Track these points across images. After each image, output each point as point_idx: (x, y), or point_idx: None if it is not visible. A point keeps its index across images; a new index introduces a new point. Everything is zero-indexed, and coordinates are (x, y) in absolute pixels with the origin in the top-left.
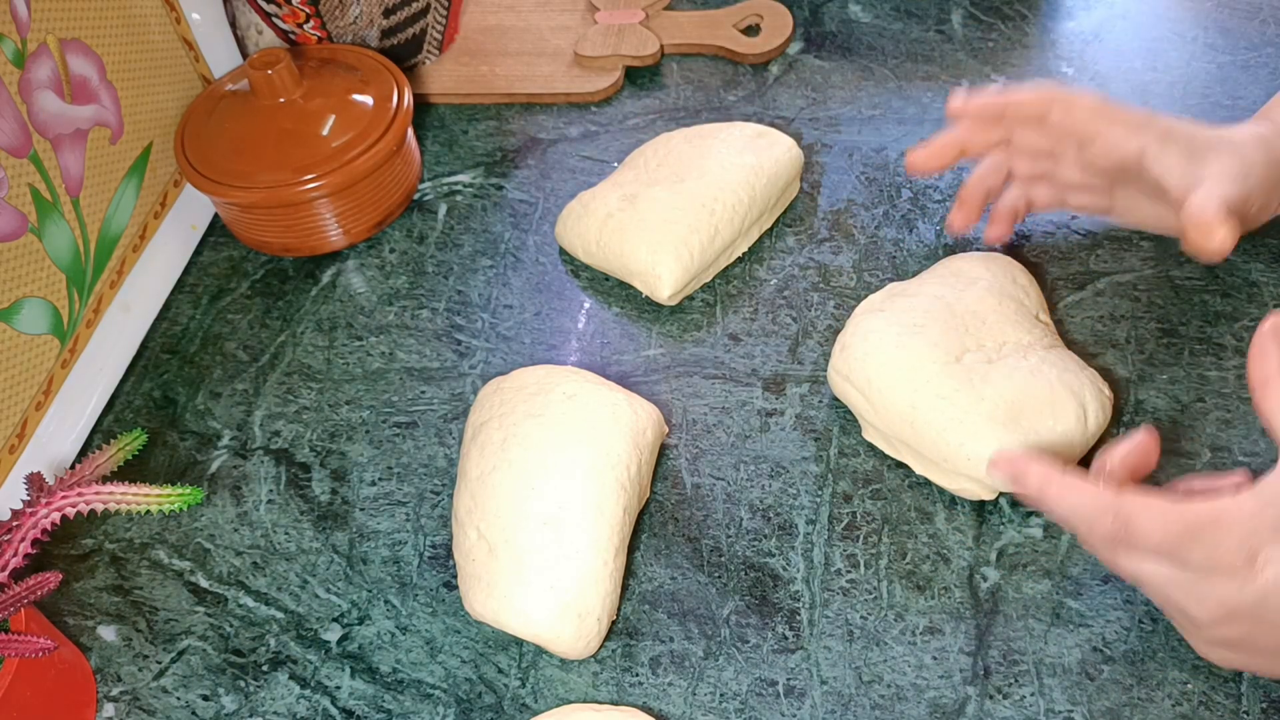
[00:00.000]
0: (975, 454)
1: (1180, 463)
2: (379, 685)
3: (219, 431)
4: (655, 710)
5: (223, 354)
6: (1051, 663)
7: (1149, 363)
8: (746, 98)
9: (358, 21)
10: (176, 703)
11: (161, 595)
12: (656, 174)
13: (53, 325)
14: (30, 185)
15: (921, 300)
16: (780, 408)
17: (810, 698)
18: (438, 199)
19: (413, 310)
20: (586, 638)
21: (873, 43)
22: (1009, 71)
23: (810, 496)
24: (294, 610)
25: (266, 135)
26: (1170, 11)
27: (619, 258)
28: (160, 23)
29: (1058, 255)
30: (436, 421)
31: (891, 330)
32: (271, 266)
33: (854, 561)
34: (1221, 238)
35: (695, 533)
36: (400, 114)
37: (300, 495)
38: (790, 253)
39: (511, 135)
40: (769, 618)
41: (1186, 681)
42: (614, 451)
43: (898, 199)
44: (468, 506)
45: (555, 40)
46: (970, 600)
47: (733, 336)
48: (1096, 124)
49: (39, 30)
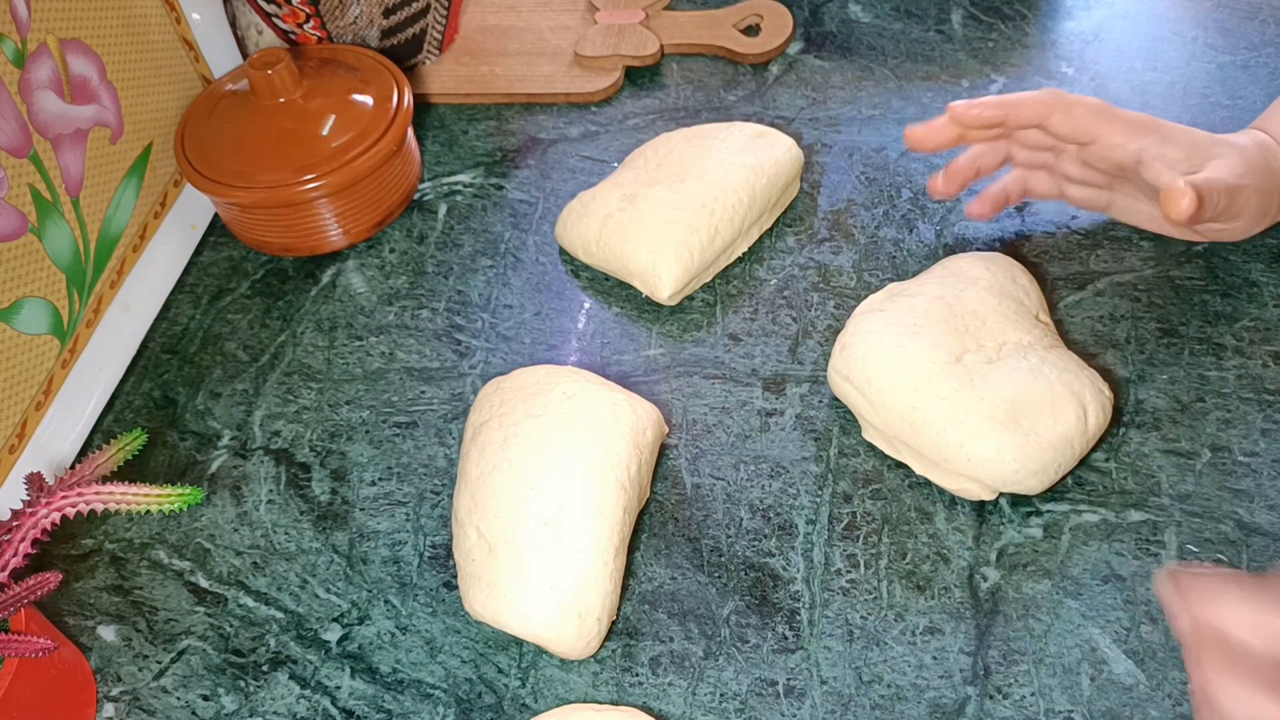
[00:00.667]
0: (975, 454)
1: (1180, 462)
2: (379, 685)
3: (219, 431)
4: (655, 710)
5: (223, 354)
6: (1051, 663)
7: (1149, 363)
8: (746, 98)
9: (358, 21)
10: (176, 703)
11: (161, 595)
12: (656, 174)
13: (53, 325)
14: (30, 185)
15: (921, 300)
16: (780, 408)
17: (810, 698)
18: (438, 199)
19: (413, 310)
20: (586, 638)
21: (873, 43)
22: (1009, 71)
23: (810, 496)
24: (294, 610)
25: (266, 135)
26: (1170, 11)
27: (619, 258)
28: (160, 23)
29: (1058, 255)
30: (436, 421)
31: (891, 330)
32: (271, 266)
33: (854, 561)
34: (1189, 200)
35: (695, 533)
36: (400, 114)
37: (300, 495)
38: (790, 253)
39: (511, 135)
40: (769, 618)
41: (1186, 681)
42: (614, 451)
43: (898, 199)
44: (468, 506)
45: (555, 40)
46: (970, 600)
47: (733, 336)
48: (1097, 128)
49: (39, 30)
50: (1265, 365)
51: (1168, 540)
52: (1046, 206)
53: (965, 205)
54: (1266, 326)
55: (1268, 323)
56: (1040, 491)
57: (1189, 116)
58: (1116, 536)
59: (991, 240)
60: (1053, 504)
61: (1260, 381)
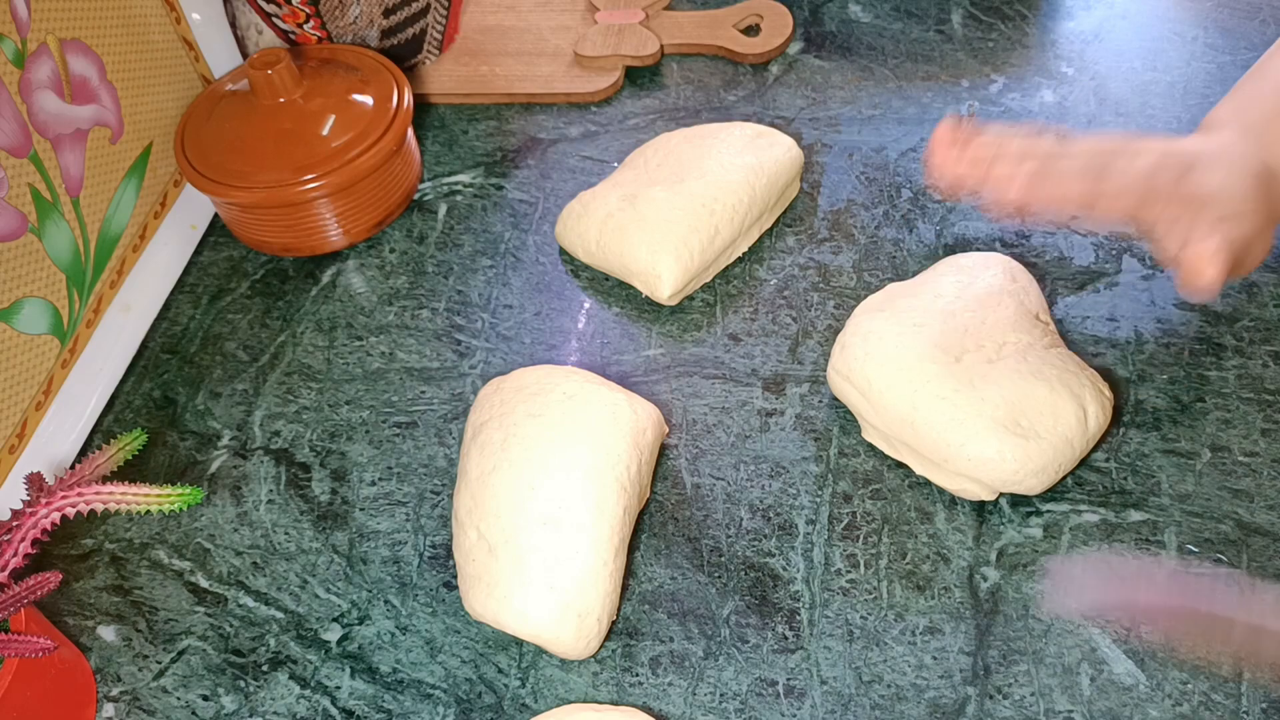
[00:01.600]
0: (975, 454)
1: (1180, 462)
2: (379, 685)
3: (219, 431)
4: (655, 710)
5: (223, 354)
6: (1051, 663)
7: (1149, 363)
8: (746, 98)
9: (358, 21)
10: (176, 703)
11: (161, 595)
12: (656, 174)
13: (53, 325)
14: (30, 185)
15: (921, 300)
16: (780, 408)
17: (810, 698)
18: (438, 199)
19: (413, 310)
20: (586, 638)
21: (873, 43)
22: (1009, 71)
23: (810, 496)
24: (294, 610)
25: (266, 135)
26: (1170, 11)
27: (619, 258)
28: (160, 23)
29: (1058, 255)
30: (436, 421)
31: (891, 330)
32: (271, 266)
33: (854, 561)
34: (1211, 277)
35: (695, 533)
36: (400, 114)
37: (300, 495)
38: (790, 253)
39: (511, 135)
40: (769, 618)
41: (1186, 681)
42: (614, 451)
43: (898, 199)
44: (468, 506)
45: (555, 40)
46: (970, 600)
47: (733, 336)
48: (1090, 194)
49: (39, 30)
50: (1265, 365)
51: (1167, 540)
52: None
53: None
54: (1266, 326)
55: (1268, 323)
56: (1040, 492)
57: (1189, 116)
58: (1116, 536)
59: (991, 240)
60: (1053, 504)
61: (1260, 381)
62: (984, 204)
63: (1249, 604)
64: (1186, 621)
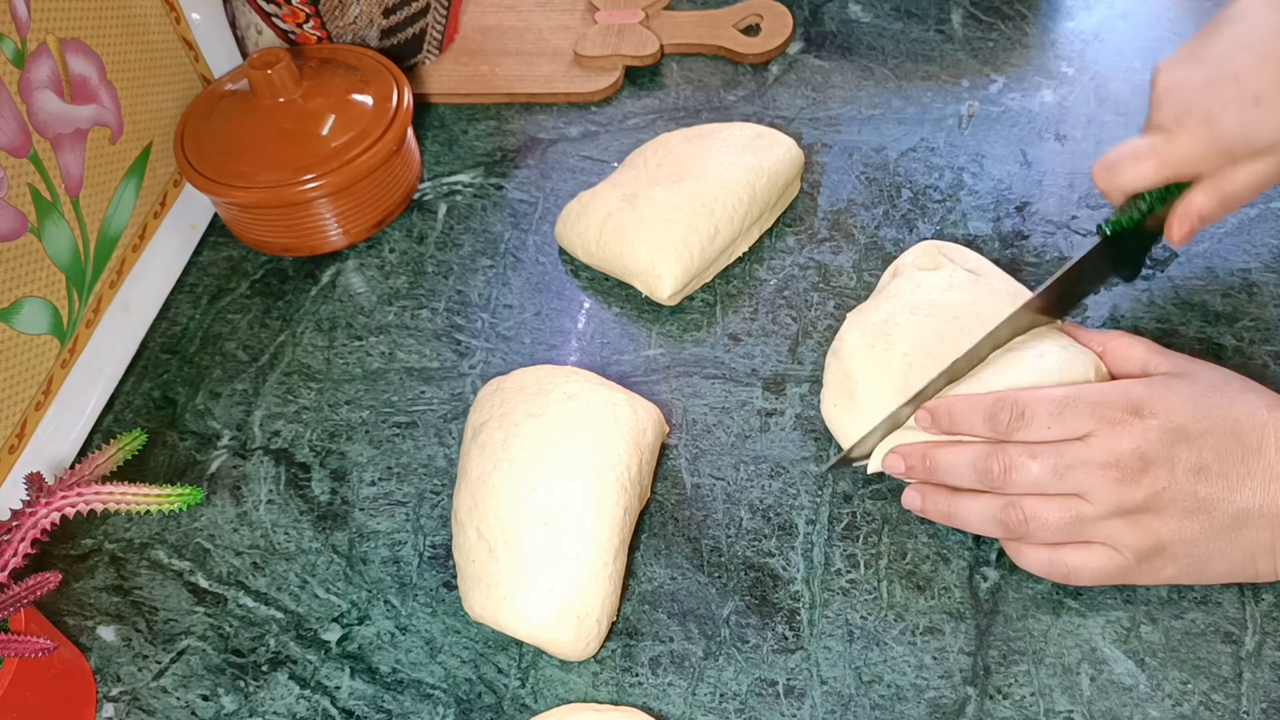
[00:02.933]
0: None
1: None
2: (379, 685)
3: (219, 431)
4: (655, 710)
5: (222, 354)
6: (1051, 663)
7: None
8: (746, 98)
9: (357, 21)
10: (176, 703)
11: (161, 595)
12: (656, 174)
13: (52, 325)
14: (30, 185)
15: (906, 305)
16: (780, 408)
17: (810, 698)
18: (438, 199)
19: (413, 310)
20: (586, 639)
21: (873, 43)
22: (1009, 71)
23: (810, 496)
24: (294, 610)
25: (266, 135)
26: (1170, 11)
27: (619, 258)
28: (160, 23)
29: (1058, 255)
30: (436, 421)
31: (876, 339)
32: (271, 266)
33: (854, 561)
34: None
35: (695, 533)
36: (400, 114)
37: (300, 495)
38: (790, 253)
39: (511, 135)
40: (769, 618)
41: (1186, 681)
42: (614, 452)
43: (898, 199)
44: (468, 507)
45: (555, 40)
46: (970, 600)
47: (733, 336)
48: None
49: (39, 30)
50: (1265, 365)
51: None
52: (1046, 206)
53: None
54: (1266, 326)
55: (1268, 323)
56: None
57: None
58: None
59: (990, 239)
60: None
61: (1260, 381)
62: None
63: None
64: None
